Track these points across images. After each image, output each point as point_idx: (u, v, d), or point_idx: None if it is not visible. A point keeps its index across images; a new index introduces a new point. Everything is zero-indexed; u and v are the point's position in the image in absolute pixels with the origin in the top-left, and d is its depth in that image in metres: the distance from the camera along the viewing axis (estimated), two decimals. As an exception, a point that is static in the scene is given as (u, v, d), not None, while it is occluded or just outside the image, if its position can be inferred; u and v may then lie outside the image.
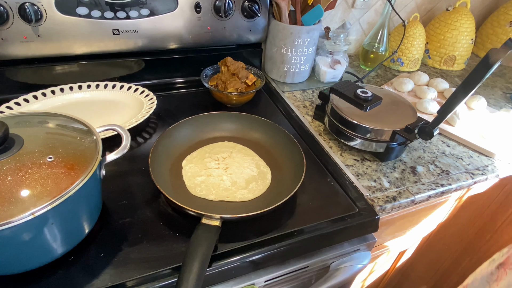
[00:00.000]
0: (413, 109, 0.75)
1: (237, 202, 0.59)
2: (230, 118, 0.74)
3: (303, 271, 0.60)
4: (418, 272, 1.31)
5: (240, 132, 0.73)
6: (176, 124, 0.68)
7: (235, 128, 0.73)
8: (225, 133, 0.73)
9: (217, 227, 0.49)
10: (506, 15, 1.21)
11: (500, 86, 1.14)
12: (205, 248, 0.46)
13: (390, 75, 1.13)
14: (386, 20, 1.04)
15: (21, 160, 0.42)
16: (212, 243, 0.47)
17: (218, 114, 0.73)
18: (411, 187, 0.69)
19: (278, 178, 0.64)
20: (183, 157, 0.66)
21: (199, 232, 0.48)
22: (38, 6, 0.69)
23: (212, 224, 0.49)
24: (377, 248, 0.90)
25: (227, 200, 0.59)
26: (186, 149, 0.68)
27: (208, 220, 0.49)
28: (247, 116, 0.73)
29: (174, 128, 0.67)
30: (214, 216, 0.50)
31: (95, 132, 0.50)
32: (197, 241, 0.46)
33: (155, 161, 0.59)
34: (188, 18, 0.83)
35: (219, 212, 0.50)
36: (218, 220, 0.50)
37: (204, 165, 0.64)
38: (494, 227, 1.10)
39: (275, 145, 0.70)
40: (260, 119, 0.72)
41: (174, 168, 0.64)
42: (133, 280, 0.47)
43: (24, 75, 0.78)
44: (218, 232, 0.49)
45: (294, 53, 0.92)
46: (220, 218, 0.50)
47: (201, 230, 0.48)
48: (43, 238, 0.42)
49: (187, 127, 0.70)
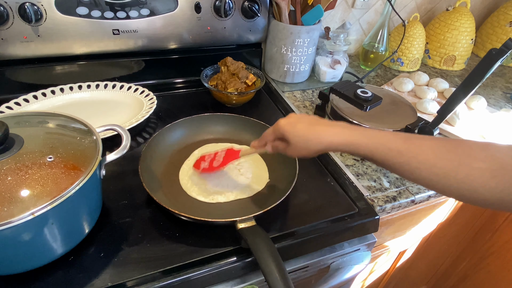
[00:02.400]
0: (413, 109, 0.75)
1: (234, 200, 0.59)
2: (224, 120, 0.73)
3: (303, 271, 0.60)
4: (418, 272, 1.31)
5: (232, 133, 0.73)
6: (166, 127, 0.67)
7: (228, 129, 0.73)
8: (217, 135, 0.73)
9: (255, 226, 0.50)
10: (506, 15, 1.21)
11: (500, 86, 1.14)
12: (266, 247, 0.46)
13: (390, 75, 1.13)
14: (386, 20, 1.04)
15: (21, 160, 0.42)
16: (266, 238, 0.47)
17: (210, 116, 0.73)
18: (411, 187, 0.69)
19: (273, 178, 0.64)
20: (175, 160, 0.66)
21: (252, 237, 0.47)
22: (38, 6, 0.69)
23: (251, 225, 0.50)
24: (377, 248, 0.90)
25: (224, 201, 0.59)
26: (177, 152, 0.67)
27: (244, 224, 0.50)
28: (240, 118, 0.73)
29: (163, 131, 0.67)
30: (249, 217, 0.50)
31: (95, 132, 0.50)
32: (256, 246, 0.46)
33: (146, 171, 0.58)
34: (188, 18, 0.83)
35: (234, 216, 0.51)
36: (253, 220, 0.50)
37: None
38: (494, 227, 1.10)
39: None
40: (252, 120, 0.72)
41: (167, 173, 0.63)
42: (133, 280, 0.47)
43: (24, 75, 0.78)
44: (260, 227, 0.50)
45: (294, 53, 0.92)
46: (254, 217, 0.51)
47: (252, 235, 0.48)
48: (43, 238, 0.42)
49: (179, 130, 0.69)
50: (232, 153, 0.60)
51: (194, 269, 0.49)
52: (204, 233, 0.54)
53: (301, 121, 0.49)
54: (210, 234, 0.54)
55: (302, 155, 0.50)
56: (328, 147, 0.47)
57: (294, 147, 0.50)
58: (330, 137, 0.47)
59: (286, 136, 0.50)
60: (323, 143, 0.47)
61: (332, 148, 0.47)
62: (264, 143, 0.55)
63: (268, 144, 0.55)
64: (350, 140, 0.45)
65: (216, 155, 0.61)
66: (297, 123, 0.49)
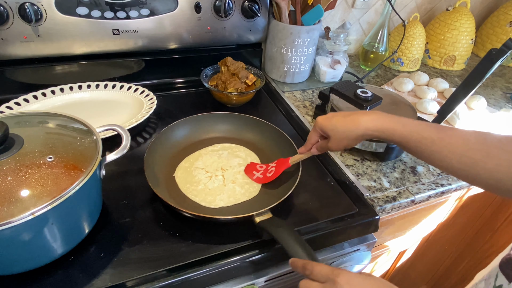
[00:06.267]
0: (413, 109, 0.75)
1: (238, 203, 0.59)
2: (226, 119, 0.73)
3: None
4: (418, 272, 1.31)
5: (234, 132, 0.73)
6: (169, 127, 0.67)
7: (230, 128, 0.73)
8: (220, 133, 0.73)
9: (273, 217, 0.51)
10: (506, 15, 1.21)
11: (500, 86, 1.14)
12: (291, 235, 0.47)
13: (390, 75, 1.13)
14: (386, 20, 1.04)
15: (21, 160, 0.42)
16: (288, 226, 0.49)
17: (212, 115, 0.73)
18: (411, 187, 0.69)
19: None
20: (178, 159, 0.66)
21: (275, 228, 0.49)
22: (38, 6, 0.69)
23: (268, 218, 0.51)
24: (377, 248, 0.90)
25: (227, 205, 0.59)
26: (180, 151, 0.67)
27: (262, 217, 0.51)
28: (242, 117, 0.73)
29: (167, 130, 0.67)
30: (265, 210, 0.52)
31: (95, 132, 0.50)
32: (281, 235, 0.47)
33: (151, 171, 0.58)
34: (188, 18, 0.83)
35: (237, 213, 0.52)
36: (269, 212, 0.52)
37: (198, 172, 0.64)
38: (494, 227, 1.10)
39: (270, 145, 0.70)
40: (255, 119, 0.72)
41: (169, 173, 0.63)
42: (133, 280, 0.47)
43: (24, 75, 0.78)
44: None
45: (294, 53, 0.92)
46: (269, 209, 0.52)
47: (274, 226, 0.49)
48: (43, 238, 0.42)
49: (181, 129, 0.69)
50: (283, 163, 0.62)
51: (194, 269, 0.49)
52: (204, 233, 0.54)
53: (336, 114, 0.53)
54: (210, 234, 0.54)
55: (344, 145, 0.53)
56: (365, 132, 0.50)
57: (334, 139, 0.53)
58: (366, 123, 0.50)
59: (324, 130, 0.53)
60: (360, 129, 0.50)
61: (368, 133, 0.50)
62: (310, 147, 0.58)
63: (313, 148, 0.58)
64: (386, 126, 0.48)
65: (268, 166, 0.64)
66: (333, 117, 0.53)
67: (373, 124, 0.49)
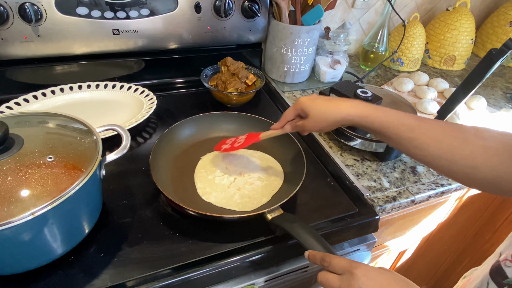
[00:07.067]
0: (413, 109, 0.75)
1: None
2: (231, 118, 0.74)
3: (303, 271, 0.60)
4: (418, 272, 1.31)
5: (239, 132, 0.73)
6: (175, 125, 0.68)
7: (235, 128, 0.73)
8: (225, 133, 0.73)
9: (284, 213, 0.52)
10: (506, 15, 1.21)
11: (500, 86, 1.14)
12: (305, 229, 0.48)
13: (390, 75, 1.13)
14: (386, 20, 1.04)
15: (21, 160, 0.42)
16: (300, 221, 0.49)
17: (218, 114, 0.73)
18: (411, 187, 0.69)
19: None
20: (181, 157, 0.66)
21: (289, 224, 0.49)
22: (38, 6, 0.69)
23: (279, 214, 0.52)
24: (377, 248, 0.90)
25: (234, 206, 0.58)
26: (186, 149, 0.68)
27: (273, 214, 0.52)
28: (247, 116, 0.73)
29: (173, 128, 0.67)
30: (276, 207, 0.52)
31: (95, 132, 0.50)
32: (295, 230, 0.48)
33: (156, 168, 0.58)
34: (188, 18, 0.83)
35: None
36: (280, 208, 0.53)
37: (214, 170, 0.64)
38: (494, 227, 1.10)
39: (274, 145, 0.70)
40: (259, 118, 0.72)
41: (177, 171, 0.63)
42: (133, 280, 0.47)
43: (24, 75, 0.78)
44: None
45: (294, 53, 0.92)
46: (280, 206, 0.53)
47: (287, 221, 0.50)
48: (43, 238, 0.42)
49: (187, 127, 0.70)
50: (252, 136, 0.62)
51: (194, 269, 0.49)
52: (204, 233, 0.54)
53: (320, 97, 0.54)
54: (210, 234, 0.54)
55: (320, 128, 0.54)
56: (345, 118, 0.51)
57: (313, 119, 0.53)
58: (347, 109, 0.51)
59: (305, 109, 0.54)
60: (341, 114, 0.51)
61: (348, 119, 0.51)
62: (283, 124, 0.58)
63: (287, 125, 0.58)
64: (366, 113, 0.49)
65: (238, 138, 0.64)
66: (316, 98, 0.54)
67: (354, 110, 0.50)
